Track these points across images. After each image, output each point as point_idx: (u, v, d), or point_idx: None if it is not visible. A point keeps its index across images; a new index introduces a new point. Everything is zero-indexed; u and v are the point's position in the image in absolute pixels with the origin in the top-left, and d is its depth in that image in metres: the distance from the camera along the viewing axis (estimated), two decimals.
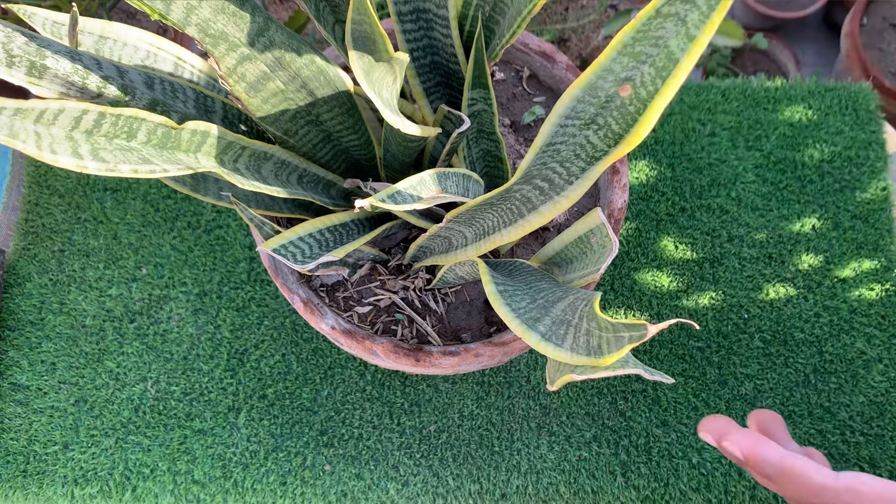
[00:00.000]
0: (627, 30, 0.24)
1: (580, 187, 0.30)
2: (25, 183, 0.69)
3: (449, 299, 0.47)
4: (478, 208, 0.35)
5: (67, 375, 0.62)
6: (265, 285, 0.65)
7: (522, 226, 0.33)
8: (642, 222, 0.68)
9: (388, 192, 0.33)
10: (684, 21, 0.23)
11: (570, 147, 0.28)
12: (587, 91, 0.26)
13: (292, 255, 0.36)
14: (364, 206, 0.32)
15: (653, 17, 0.24)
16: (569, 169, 0.29)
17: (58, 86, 0.32)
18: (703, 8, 0.22)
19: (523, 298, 0.35)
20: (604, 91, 0.26)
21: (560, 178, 0.30)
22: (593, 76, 0.26)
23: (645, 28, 0.24)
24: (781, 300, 0.65)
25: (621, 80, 0.25)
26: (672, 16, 0.23)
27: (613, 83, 0.26)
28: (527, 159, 0.30)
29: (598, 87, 0.26)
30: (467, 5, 0.42)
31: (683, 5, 0.23)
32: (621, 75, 0.25)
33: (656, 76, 0.24)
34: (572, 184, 0.30)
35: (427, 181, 0.35)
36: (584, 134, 0.28)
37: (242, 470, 0.59)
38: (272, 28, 0.35)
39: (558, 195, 0.30)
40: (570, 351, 0.31)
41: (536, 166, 0.30)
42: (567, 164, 0.29)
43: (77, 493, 0.59)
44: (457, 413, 0.61)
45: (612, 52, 0.25)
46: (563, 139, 0.28)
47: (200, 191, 0.39)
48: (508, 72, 0.54)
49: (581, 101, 0.27)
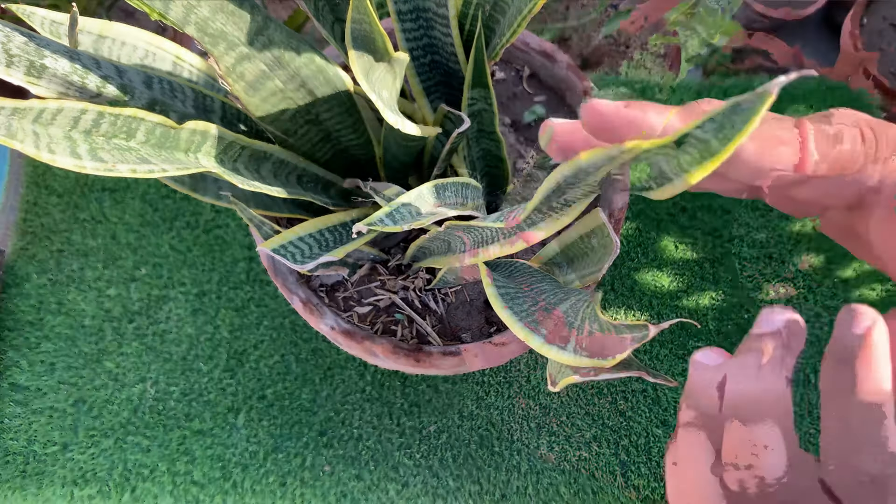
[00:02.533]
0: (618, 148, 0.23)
1: (578, 209, 0.30)
2: (24, 183, 0.69)
3: (449, 299, 0.47)
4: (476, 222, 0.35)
5: (66, 376, 0.62)
6: (264, 285, 0.65)
7: (519, 241, 0.33)
8: (643, 222, 0.68)
9: (385, 212, 0.32)
10: (676, 158, 0.22)
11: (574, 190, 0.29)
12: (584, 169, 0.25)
13: (292, 255, 0.36)
14: (361, 231, 0.31)
15: (643, 151, 0.22)
16: (567, 202, 0.30)
17: (56, 85, 0.32)
18: (696, 156, 0.21)
19: (525, 301, 0.35)
20: None
21: (560, 204, 0.30)
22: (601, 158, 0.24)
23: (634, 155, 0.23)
24: (781, 300, 0.65)
25: None
26: (662, 154, 0.22)
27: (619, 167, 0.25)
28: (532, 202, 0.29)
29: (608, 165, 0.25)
30: (467, 4, 0.41)
31: (674, 151, 0.22)
32: None
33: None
34: (571, 206, 0.30)
35: (425, 194, 0.35)
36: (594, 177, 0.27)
37: (242, 471, 0.59)
38: (271, 27, 0.35)
39: (557, 214, 0.31)
40: (573, 353, 0.31)
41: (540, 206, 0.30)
42: (567, 198, 0.30)
43: (76, 494, 0.59)
44: (457, 413, 0.61)
45: (604, 157, 0.23)
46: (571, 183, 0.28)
47: (199, 190, 0.39)
48: (509, 71, 0.54)
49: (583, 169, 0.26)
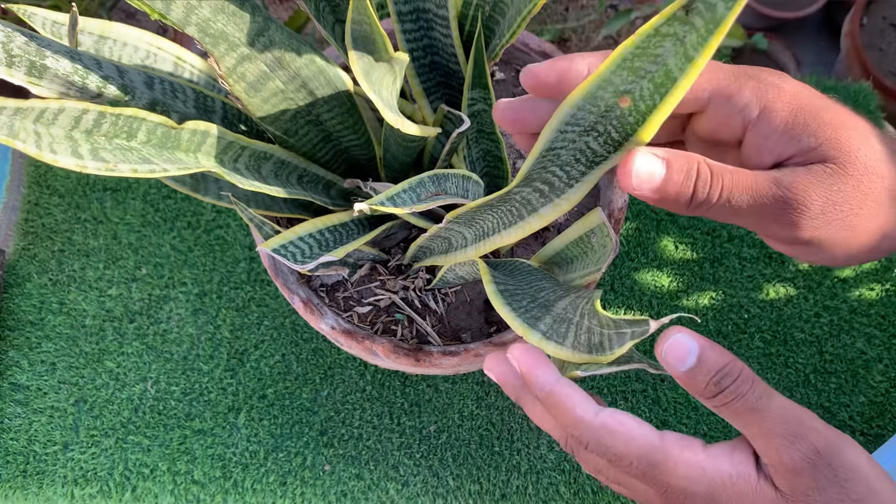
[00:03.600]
0: (627, 44, 0.25)
1: (580, 191, 0.30)
2: (25, 183, 0.69)
3: (449, 299, 0.47)
4: (478, 210, 0.35)
5: (67, 375, 0.62)
6: (265, 285, 0.65)
7: (522, 227, 0.33)
8: (642, 222, 0.68)
9: (387, 195, 0.33)
10: (683, 42, 0.23)
11: (570, 152, 0.29)
12: (587, 100, 0.26)
13: (292, 255, 0.36)
14: (363, 210, 0.32)
15: (652, 36, 0.24)
16: (569, 173, 0.29)
17: (58, 86, 0.32)
18: (702, 31, 0.23)
19: (524, 298, 0.35)
20: (603, 101, 0.26)
21: (560, 181, 0.30)
22: (593, 86, 0.26)
23: (644, 45, 0.24)
24: (781, 300, 0.65)
25: (621, 91, 0.26)
26: (671, 36, 0.24)
27: (613, 94, 0.26)
28: (527, 163, 0.30)
29: (598, 97, 0.26)
30: (467, 5, 0.42)
31: (682, 27, 0.23)
32: (621, 87, 0.26)
33: (654, 92, 0.25)
34: (572, 187, 0.30)
35: (426, 183, 0.35)
36: (584, 140, 0.28)
37: (242, 470, 0.59)
38: (272, 28, 0.35)
39: (558, 198, 0.31)
40: (571, 349, 0.31)
41: (537, 170, 0.30)
42: (567, 168, 0.29)
43: (77, 494, 0.59)
44: (457, 413, 0.61)
45: (612, 65, 0.25)
46: (563, 144, 0.29)
47: (200, 191, 0.39)
48: (508, 72, 0.54)
49: (581, 108, 0.27)
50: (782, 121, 0.27)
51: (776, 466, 0.28)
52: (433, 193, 0.36)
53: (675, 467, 0.29)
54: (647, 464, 0.29)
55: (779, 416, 0.28)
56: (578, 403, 0.30)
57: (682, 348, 0.28)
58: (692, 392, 0.29)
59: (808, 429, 0.28)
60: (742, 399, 0.28)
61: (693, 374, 0.28)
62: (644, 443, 0.29)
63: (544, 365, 0.30)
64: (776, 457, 0.28)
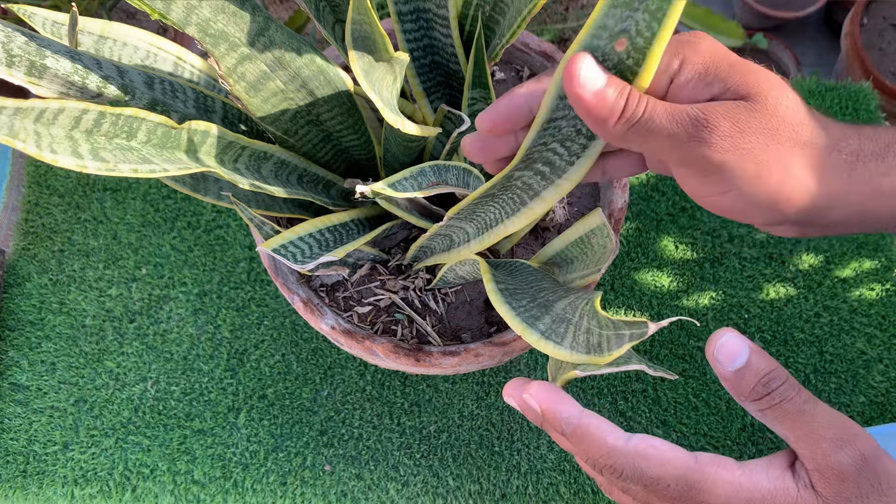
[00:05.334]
0: None
1: (582, 167, 0.30)
2: (25, 183, 0.69)
3: (449, 299, 0.47)
4: (479, 201, 0.35)
5: (67, 375, 0.62)
6: (265, 285, 0.65)
7: (526, 214, 0.33)
8: (643, 222, 0.68)
9: (389, 181, 0.33)
10: None
11: (570, 122, 0.29)
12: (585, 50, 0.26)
13: (292, 255, 0.36)
14: (365, 192, 0.32)
15: None
16: (570, 148, 0.29)
17: (58, 85, 0.32)
18: None
19: (523, 297, 0.35)
20: (600, 50, 0.26)
21: (561, 159, 0.30)
22: (588, 35, 0.26)
23: None
24: (782, 300, 0.65)
25: (616, 33, 0.25)
26: None
27: (609, 39, 0.26)
28: (528, 137, 0.30)
29: (594, 47, 0.26)
30: (467, 5, 0.42)
31: None
32: (616, 29, 0.25)
33: (651, 20, 0.24)
34: (573, 164, 0.30)
35: (428, 172, 0.35)
36: None
37: (242, 470, 0.59)
38: (272, 28, 0.35)
39: (560, 178, 0.31)
40: (569, 349, 0.31)
41: (537, 147, 0.30)
42: (568, 144, 0.29)
43: (77, 493, 0.59)
44: (457, 413, 0.61)
45: (605, 7, 0.25)
46: (563, 112, 0.28)
47: (200, 191, 0.39)
48: (508, 71, 0.54)
49: None
50: (697, 70, 0.29)
51: (822, 471, 0.28)
52: (434, 183, 0.36)
53: (712, 486, 0.29)
54: (685, 485, 0.29)
55: (826, 420, 0.28)
56: (609, 433, 0.30)
57: (735, 348, 0.29)
58: (736, 392, 0.30)
59: (855, 434, 0.28)
60: (790, 401, 0.28)
61: (742, 373, 0.29)
62: (680, 465, 0.29)
63: (565, 400, 0.31)
64: (823, 461, 0.28)
